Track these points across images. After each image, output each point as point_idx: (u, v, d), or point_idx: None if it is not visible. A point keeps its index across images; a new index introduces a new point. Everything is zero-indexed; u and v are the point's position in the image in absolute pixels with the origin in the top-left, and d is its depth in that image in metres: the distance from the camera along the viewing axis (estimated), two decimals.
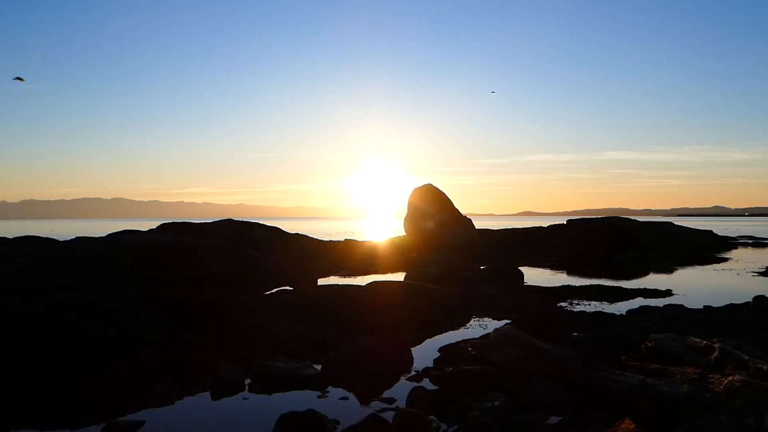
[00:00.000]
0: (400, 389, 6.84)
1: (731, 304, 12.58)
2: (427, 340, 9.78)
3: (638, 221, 38.90)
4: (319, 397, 6.68)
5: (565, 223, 38.64)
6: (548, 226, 38.69)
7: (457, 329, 10.72)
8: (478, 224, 34.77)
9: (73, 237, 21.90)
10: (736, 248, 38.59)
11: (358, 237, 37.47)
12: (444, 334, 10.27)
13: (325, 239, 32.62)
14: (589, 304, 13.74)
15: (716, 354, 6.41)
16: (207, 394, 6.80)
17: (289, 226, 37.85)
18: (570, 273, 22.80)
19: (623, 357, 7.33)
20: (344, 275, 21.14)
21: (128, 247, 15.96)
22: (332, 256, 26.56)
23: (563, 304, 13.73)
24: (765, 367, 5.77)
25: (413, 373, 7.56)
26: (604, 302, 14.15)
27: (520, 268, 20.43)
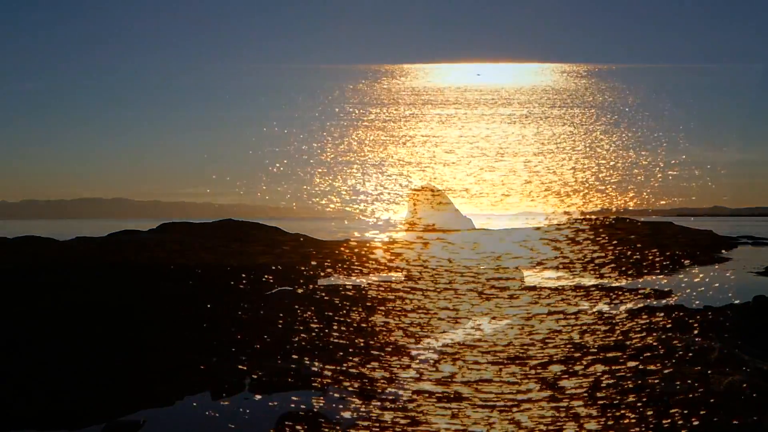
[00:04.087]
0: (400, 389, 6.83)
1: (731, 304, 12.55)
2: (427, 340, 9.77)
3: (638, 221, 38.82)
4: (319, 397, 6.67)
5: (565, 222, 38.57)
6: (548, 226, 38.60)
7: (457, 329, 10.70)
8: (478, 224, 34.72)
9: (73, 237, 21.87)
10: (736, 248, 38.54)
11: (358, 237, 37.37)
12: (444, 334, 10.25)
13: (325, 239, 32.58)
14: (590, 305, 13.71)
15: (716, 354, 6.41)
16: (207, 394, 6.79)
17: (289, 226, 37.78)
18: (571, 273, 22.73)
19: (624, 357, 7.33)
20: (344, 275, 21.10)
21: (128, 247, 15.97)
22: (332, 256, 26.54)
23: (564, 304, 13.71)
24: (765, 367, 5.77)
25: (413, 373, 7.54)
26: (604, 302, 14.12)
27: (519, 267, 20.40)
